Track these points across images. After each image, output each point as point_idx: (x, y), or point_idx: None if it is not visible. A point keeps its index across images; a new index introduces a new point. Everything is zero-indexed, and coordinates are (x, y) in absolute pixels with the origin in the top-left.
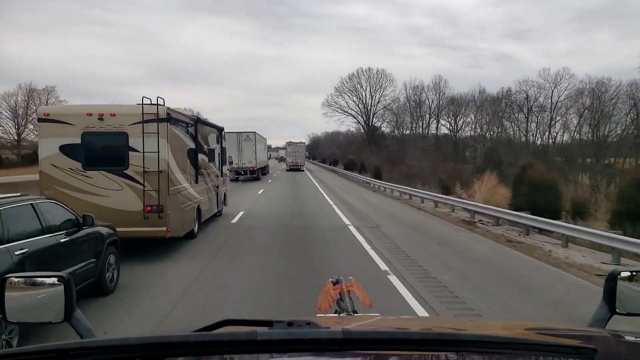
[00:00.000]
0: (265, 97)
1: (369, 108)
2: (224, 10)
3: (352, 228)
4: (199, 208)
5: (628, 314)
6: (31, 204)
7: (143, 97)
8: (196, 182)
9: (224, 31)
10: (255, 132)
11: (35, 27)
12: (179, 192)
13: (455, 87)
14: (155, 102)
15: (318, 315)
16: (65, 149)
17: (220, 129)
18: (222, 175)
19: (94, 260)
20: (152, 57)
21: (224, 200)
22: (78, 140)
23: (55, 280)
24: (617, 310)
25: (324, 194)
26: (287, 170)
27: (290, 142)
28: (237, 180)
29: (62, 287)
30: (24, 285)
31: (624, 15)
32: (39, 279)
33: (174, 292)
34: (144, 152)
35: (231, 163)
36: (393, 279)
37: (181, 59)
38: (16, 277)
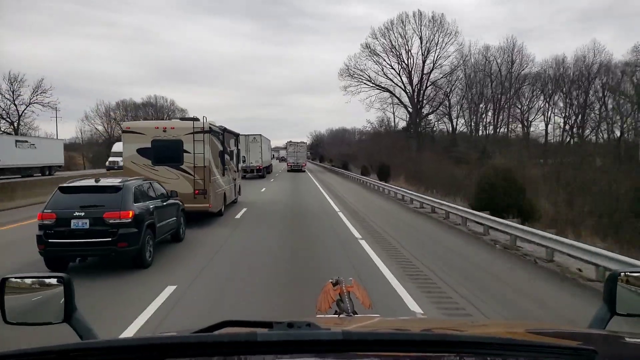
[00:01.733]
0: (265, 97)
1: (419, 78)
2: (225, 10)
3: None
4: (224, 194)
5: (628, 315)
6: (150, 182)
7: (194, 116)
8: (223, 175)
9: (224, 32)
10: (261, 134)
11: (35, 27)
12: (215, 181)
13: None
14: (201, 119)
15: (318, 316)
16: (141, 151)
17: (236, 135)
18: (238, 171)
19: (175, 218)
20: (153, 57)
21: (239, 190)
22: (149, 145)
23: (55, 280)
24: (617, 311)
25: None
26: (288, 171)
27: (290, 141)
28: (244, 177)
29: (62, 288)
30: (23, 286)
31: None
32: (39, 280)
33: (218, 240)
34: (194, 153)
35: (244, 162)
36: None
37: (182, 59)
38: (16, 277)
